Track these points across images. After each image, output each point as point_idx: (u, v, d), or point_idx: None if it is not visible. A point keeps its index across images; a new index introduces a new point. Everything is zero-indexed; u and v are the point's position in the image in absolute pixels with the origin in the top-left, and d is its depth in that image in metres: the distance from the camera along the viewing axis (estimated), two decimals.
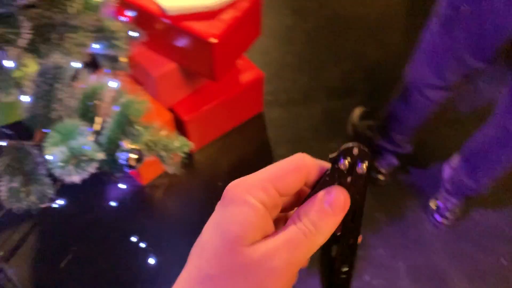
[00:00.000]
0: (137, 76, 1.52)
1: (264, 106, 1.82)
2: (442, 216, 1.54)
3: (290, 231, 0.29)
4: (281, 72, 1.95)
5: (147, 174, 1.61)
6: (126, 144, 0.89)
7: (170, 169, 1.00)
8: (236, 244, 0.29)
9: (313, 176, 0.32)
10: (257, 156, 1.74)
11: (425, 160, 1.72)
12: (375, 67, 1.98)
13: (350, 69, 1.96)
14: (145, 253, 1.46)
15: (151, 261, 1.45)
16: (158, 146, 0.94)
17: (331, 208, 0.30)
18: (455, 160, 1.49)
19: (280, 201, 0.31)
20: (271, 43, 2.04)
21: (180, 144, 0.97)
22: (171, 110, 1.58)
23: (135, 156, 0.89)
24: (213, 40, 1.29)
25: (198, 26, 1.31)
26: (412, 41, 1.55)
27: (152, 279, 1.46)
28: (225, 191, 0.32)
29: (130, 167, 0.90)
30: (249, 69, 1.68)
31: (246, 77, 1.65)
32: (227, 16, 1.33)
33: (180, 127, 1.61)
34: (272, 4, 2.18)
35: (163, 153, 0.95)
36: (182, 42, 1.37)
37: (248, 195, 0.30)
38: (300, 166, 0.32)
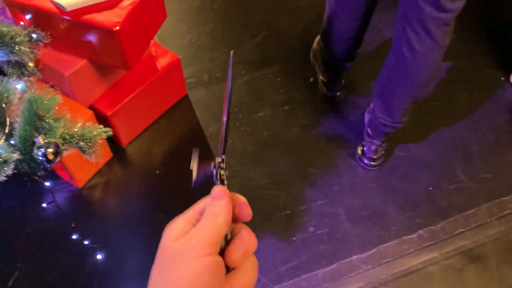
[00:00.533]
0: (50, 79, 1.49)
1: (187, 88, 1.84)
2: (369, 159, 1.65)
3: (198, 224, 0.38)
4: (199, 53, 1.98)
5: (81, 176, 1.60)
6: (41, 140, 0.89)
7: (92, 158, 1.00)
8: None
9: None
10: (189, 138, 1.76)
11: (350, 113, 1.81)
12: (287, 34, 2.04)
13: (264, 40, 2.01)
14: (94, 253, 1.46)
15: (101, 257, 1.45)
16: (75, 137, 0.95)
17: (214, 199, 0.40)
18: (371, 104, 1.60)
19: None
20: (184, 26, 2.06)
21: (98, 132, 0.98)
22: (92, 107, 1.58)
23: (52, 150, 0.89)
24: (117, 28, 1.29)
25: (99, 17, 1.31)
26: (319, 6, 1.62)
27: (106, 276, 1.46)
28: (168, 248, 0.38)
29: (49, 161, 0.90)
30: (164, 54, 1.69)
31: (162, 62, 1.66)
32: (127, 2, 1.34)
33: (106, 123, 1.60)
34: None
35: (81, 144, 0.95)
36: (87, 36, 1.36)
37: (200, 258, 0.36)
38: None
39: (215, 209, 0.39)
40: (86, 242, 1.45)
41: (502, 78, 1.89)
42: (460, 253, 1.50)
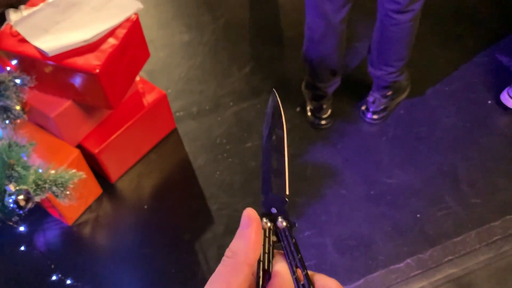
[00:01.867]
0: (37, 120, 1.54)
1: (176, 122, 1.88)
2: (372, 112, 1.81)
3: (215, 270, 0.32)
4: (188, 86, 2.02)
5: (71, 214, 1.62)
6: (12, 187, 0.92)
7: (66, 203, 1.03)
8: None
9: None
10: (178, 172, 1.79)
11: (337, 140, 1.82)
12: (274, 64, 2.08)
13: (251, 71, 2.05)
14: None
15: None
16: (48, 183, 0.97)
17: (240, 228, 0.34)
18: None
19: None
20: (173, 61, 2.11)
21: (70, 176, 1.01)
22: (80, 146, 1.61)
23: (23, 197, 0.92)
24: (97, 71, 1.34)
25: (80, 61, 1.36)
26: (302, 35, 1.66)
27: None
28: None
29: (20, 208, 0.93)
30: (151, 90, 1.73)
31: (149, 99, 1.70)
32: (107, 45, 1.38)
33: (94, 161, 1.64)
34: (167, 24, 2.25)
35: (54, 189, 0.98)
36: (70, 79, 1.41)
37: None
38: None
39: (234, 243, 0.33)
40: (78, 282, 1.46)
41: (489, 102, 1.88)
42: (449, 281, 1.48)
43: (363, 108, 1.84)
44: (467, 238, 1.56)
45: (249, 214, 0.34)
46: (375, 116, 1.81)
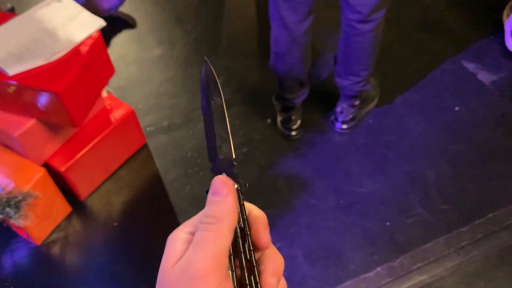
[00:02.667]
0: (2, 139, 1.52)
1: (147, 137, 1.87)
2: (341, 122, 1.82)
3: (196, 236, 0.32)
4: (159, 101, 2.02)
5: (39, 233, 1.60)
6: None
7: (20, 223, 1.02)
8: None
9: None
10: (148, 187, 1.78)
11: (307, 151, 1.83)
12: (245, 77, 2.09)
13: (222, 84, 2.05)
14: None
15: None
16: (1, 204, 0.96)
17: (214, 195, 0.33)
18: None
19: None
20: (144, 76, 2.11)
21: (24, 196, 1.00)
22: (46, 164, 1.60)
23: None
24: (59, 90, 1.33)
25: (42, 80, 1.35)
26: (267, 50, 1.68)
27: None
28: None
29: None
30: (119, 106, 1.72)
31: (117, 115, 1.70)
32: (69, 64, 1.38)
33: (61, 179, 1.62)
34: (138, 39, 2.26)
35: (7, 210, 0.97)
36: (32, 98, 1.40)
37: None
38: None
39: (215, 210, 0.32)
40: None
41: (456, 108, 1.91)
42: None
43: (332, 118, 1.85)
44: (436, 244, 1.57)
45: (224, 180, 0.34)
46: (344, 126, 1.83)
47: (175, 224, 1.67)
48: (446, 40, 2.16)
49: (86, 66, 1.42)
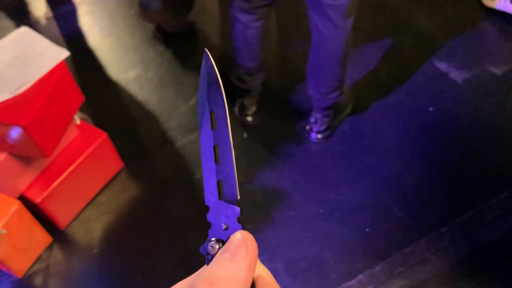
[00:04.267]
0: None
1: (124, 161, 1.87)
2: (316, 132, 1.83)
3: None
4: (135, 124, 2.02)
5: (19, 266, 1.60)
6: None
7: None
8: None
9: None
10: (127, 212, 1.77)
11: (284, 163, 1.84)
12: None
13: (197, 102, 2.06)
14: None
15: None
16: None
17: (225, 252, 0.27)
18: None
19: None
20: (119, 99, 2.12)
21: None
22: (22, 197, 1.60)
23: None
24: (24, 123, 1.34)
25: (8, 114, 1.36)
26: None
27: None
28: None
29: None
30: (92, 133, 1.73)
31: (90, 142, 1.70)
32: (34, 96, 1.39)
33: (38, 210, 1.62)
34: (112, 63, 2.27)
35: None
36: (0, 132, 1.40)
37: None
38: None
39: (220, 272, 0.26)
40: None
41: (430, 109, 1.92)
42: None
43: (307, 128, 1.86)
44: (417, 247, 1.57)
45: (246, 240, 0.26)
46: (319, 136, 1.84)
47: (155, 246, 1.67)
48: (417, 42, 2.18)
49: (51, 97, 1.42)
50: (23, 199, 1.59)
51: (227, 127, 0.32)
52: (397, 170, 1.76)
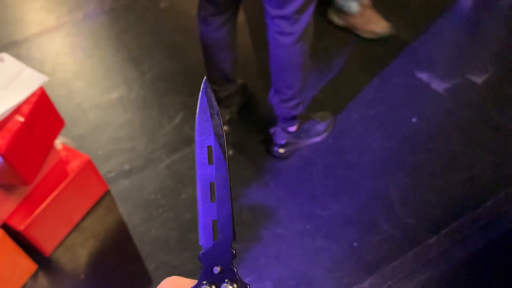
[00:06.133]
0: None
1: (108, 183, 1.85)
2: (277, 145, 1.84)
3: None
4: (119, 145, 2.01)
5: None
6: None
7: None
8: None
9: None
10: (112, 235, 1.75)
11: (272, 180, 1.83)
12: None
13: (182, 120, 2.06)
14: None
15: None
16: None
17: None
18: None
19: None
20: (102, 121, 2.10)
21: None
22: (5, 224, 1.57)
23: None
24: (2, 151, 1.32)
25: None
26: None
27: None
28: None
29: None
30: (75, 157, 1.71)
31: (73, 166, 1.68)
32: (12, 123, 1.37)
33: (22, 237, 1.60)
34: (94, 84, 2.26)
35: None
36: None
37: None
38: None
39: None
40: None
41: (414, 120, 1.93)
42: None
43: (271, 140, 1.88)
44: (405, 260, 1.57)
45: None
46: (281, 150, 1.84)
47: (141, 270, 1.65)
48: (398, 53, 2.20)
49: (30, 124, 1.41)
50: (5, 227, 1.56)
51: (225, 163, 0.31)
52: (383, 182, 1.76)
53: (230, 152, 1.92)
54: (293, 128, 1.80)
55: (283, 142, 1.82)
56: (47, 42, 2.52)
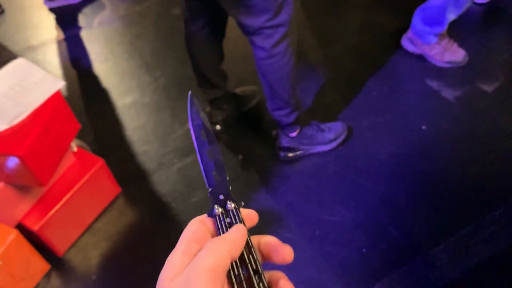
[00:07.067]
0: None
1: (121, 185, 1.89)
2: (279, 147, 1.87)
3: (199, 253, 0.36)
4: (132, 149, 2.05)
5: None
6: None
7: None
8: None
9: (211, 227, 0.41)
10: (124, 237, 1.78)
11: (280, 185, 1.85)
12: None
13: None
14: None
15: None
16: None
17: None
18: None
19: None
20: (115, 126, 2.14)
21: None
22: (20, 225, 1.61)
23: None
24: (21, 153, 1.36)
25: (4, 144, 1.38)
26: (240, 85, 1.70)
27: None
28: None
29: None
30: (89, 160, 1.75)
31: (87, 168, 1.72)
32: (30, 126, 1.41)
33: (36, 238, 1.63)
34: (109, 89, 2.30)
35: None
36: None
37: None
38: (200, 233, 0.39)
39: (222, 239, 0.36)
40: None
41: (423, 127, 1.94)
42: None
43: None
44: (413, 266, 1.57)
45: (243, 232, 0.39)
46: (289, 154, 1.88)
47: (153, 272, 1.67)
48: (408, 61, 2.21)
49: (47, 127, 1.45)
50: (20, 227, 1.60)
51: (209, 124, 0.46)
52: (392, 189, 1.77)
53: (240, 157, 1.95)
54: (293, 134, 1.83)
55: (286, 145, 1.85)
56: (63, 47, 2.58)
